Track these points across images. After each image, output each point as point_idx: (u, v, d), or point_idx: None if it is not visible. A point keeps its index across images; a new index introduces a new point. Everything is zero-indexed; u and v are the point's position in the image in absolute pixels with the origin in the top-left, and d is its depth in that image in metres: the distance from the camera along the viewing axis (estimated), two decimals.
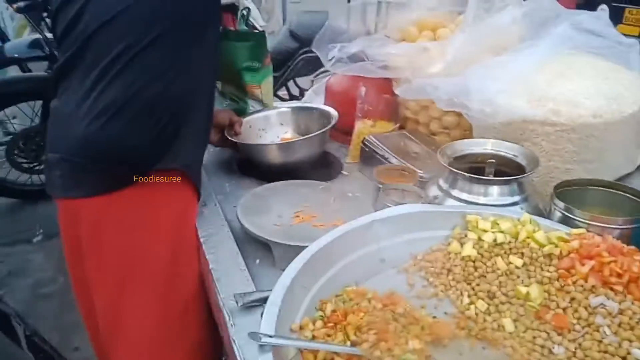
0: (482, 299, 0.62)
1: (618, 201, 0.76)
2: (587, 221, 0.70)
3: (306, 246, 0.62)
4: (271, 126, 1.18)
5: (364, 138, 1.05)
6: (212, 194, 0.94)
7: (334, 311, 0.58)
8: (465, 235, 0.68)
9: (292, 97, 3.00)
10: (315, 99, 1.36)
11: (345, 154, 1.13)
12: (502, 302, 0.61)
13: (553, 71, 0.95)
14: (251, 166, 1.07)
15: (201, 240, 0.79)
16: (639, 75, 0.99)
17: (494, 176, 0.81)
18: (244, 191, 0.89)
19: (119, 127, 0.78)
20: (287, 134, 1.18)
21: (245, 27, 1.16)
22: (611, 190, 0.78)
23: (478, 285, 0.63)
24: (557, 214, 0.73)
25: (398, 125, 1.12)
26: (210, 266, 0.71)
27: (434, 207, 0.74)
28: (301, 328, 0.55)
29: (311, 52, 1.26)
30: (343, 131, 1.15)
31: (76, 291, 0.96)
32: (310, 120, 1.15)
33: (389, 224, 0.69)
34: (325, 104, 1.28)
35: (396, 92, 1.05)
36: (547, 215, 0.74)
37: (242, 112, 1.18)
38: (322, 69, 1.79)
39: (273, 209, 0.83)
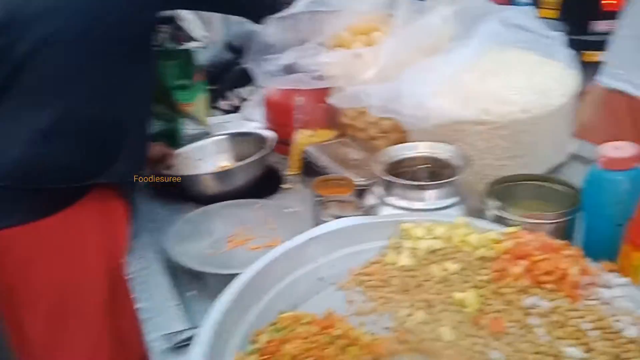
0: (421, 309, 0.61)
1: (551, 193, 0.77)
2: (520, 218, 0.70)
3: (239, 273, 0.60)
4: (209, 155, 1.13)
5: (303, 149, 1.03)
6: (143, 224, 0.89)
7: (269, 342, 0.55)
8: (401, 245, 0.67)
9: (235, 108, 2.95)
10: (254, 111, 1.33)
11: (288, 166, 1.11)
12: (440, 311, 0.60)
13: (483, 69, 0.96)
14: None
15: (130, 276, 0.75)
16: (567, 67, 1.01)
17: (431, 179, 0.81)
18: (179, 217, 0.86)
19: (55, 149, 0.76)
20: (225, 161, 1.14)
21: (172, 45, 1.12)
22: (543, 183, 0.79)
23: (416, 295, 0.62)
24: (491, 214, 0.73)
25: (338, 132, 1.11)
26: (139, 304, 0.67)
27: (369, 219, 0.72)
28: None
29: None
30: (284, 142, 1.13)
31: (11, 333, 0.90)
32: (248, 145, 1.11)
33: (325, 240, 0.67)
34: (264, 115, 1.26)
35: (330, 101, 1.04)
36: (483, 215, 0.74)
37: (175, 132, 1.14)
38: None
39: (207, 235, 0.80)
